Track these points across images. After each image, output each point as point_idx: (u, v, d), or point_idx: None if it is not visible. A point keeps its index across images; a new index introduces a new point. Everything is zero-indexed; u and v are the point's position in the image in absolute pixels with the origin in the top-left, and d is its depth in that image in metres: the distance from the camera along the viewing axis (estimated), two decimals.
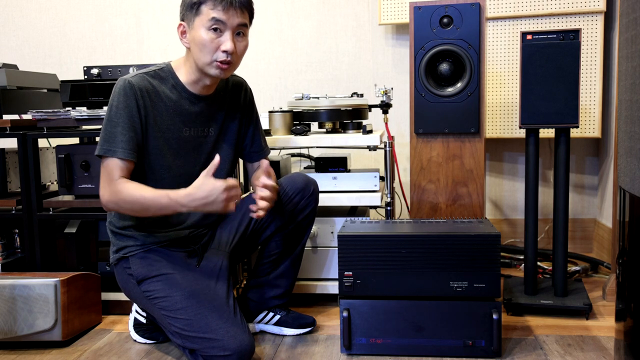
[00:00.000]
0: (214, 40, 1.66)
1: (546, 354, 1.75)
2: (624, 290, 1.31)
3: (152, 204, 1.64)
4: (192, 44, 1.69)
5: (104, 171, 1.68)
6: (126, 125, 1.67)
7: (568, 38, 1.99)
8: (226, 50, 1.66)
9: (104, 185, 1.68)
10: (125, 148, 1.66)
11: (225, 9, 1.64)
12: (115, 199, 1.67)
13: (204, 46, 1.66)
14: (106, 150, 1.67)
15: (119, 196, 1.65)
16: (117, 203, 1.67)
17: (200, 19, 1.65)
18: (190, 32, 1.68)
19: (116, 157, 1.66)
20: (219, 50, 1.67)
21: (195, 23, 1.66)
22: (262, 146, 1.96)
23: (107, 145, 1.67)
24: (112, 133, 1.67)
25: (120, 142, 1.66)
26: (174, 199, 1.61)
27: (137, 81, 1.69)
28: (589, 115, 2.62)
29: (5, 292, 1.88)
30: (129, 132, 1.67)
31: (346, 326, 1.75)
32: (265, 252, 1.97)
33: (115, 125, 1.67)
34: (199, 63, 1.70)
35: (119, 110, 1.67)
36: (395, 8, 2.77)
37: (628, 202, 1.27)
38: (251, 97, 1.95)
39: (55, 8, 3.16)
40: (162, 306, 1.70)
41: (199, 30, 1.65)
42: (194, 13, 1.66)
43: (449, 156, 2.24)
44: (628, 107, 1.25)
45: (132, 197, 1.64)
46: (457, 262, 1.71)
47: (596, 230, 2.80)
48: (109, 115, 1.69)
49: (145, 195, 1.64)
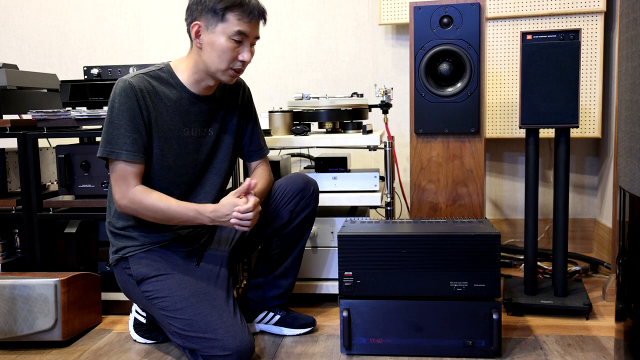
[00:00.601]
0: (234, 49, 1.68)
1: (546, 354, 1.75)
2: (624, 290, 1.31)
3: (178, 216, 1.68)
4: (209, 47, 1.68)
5: (116, 175, 1.68)
6: (129, 127, 1.66)
7: (568, 38, 1.99)
8: (244, 60, 1.70)
9: (120, 190, 1.68)
10: (130, 150, 1.66)
11: (251, 21, 1.67)
12: (136, 207, 1.68)
13: (223, 53, 1.67)
14: (109, 152, 1.66)
15: (141, 204, 1.67)
16: (137, 210, 1.69)
17: (225, 27, 1.65)
18: (209, 35, 1.67)
19: (121, 159, 1.66)
20: (237, 59, 1.69)
21: (218, 29, 1.66)
22: (260, 145, 1.96)
23: (110, 147, 1.66)
24: (114, 135, 1.66)
25: (123, 144, 1.66)
26: (202, 213, 1.66)
27: (137, 82, 1.69)
28: (589, 115, 2.62)
29: (5, 292, 1.88)
30: (133, 134, 1.67)
31: (346, 326, 1.75)
32: (265, 252, 1.97)
33: (117, 127, 1.66)
34: (212, 67, 1.70)
35: (120, 112, 1.66)
36: (395, 8, 2.77)
37: (628, 202, 1.27)
38: (249, 97, 1.95)
39: (55, 8, 3.16)
40: (162, 306, 1.70)
41: (221, 37, 1.66)
42: (218, 18, 1.65)
43: (449, 156, 2.24)
44: (628, 107, 1.25)
45: (157, 207, 1.67)
46: (457, 262, 1.71)
47: (596, 230, 2.80)
48: (110, 117, 1.68)
49: (171, 206, 1.67)
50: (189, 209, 1.67)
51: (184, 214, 1.67)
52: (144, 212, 1.69)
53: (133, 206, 1.68)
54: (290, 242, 1.96)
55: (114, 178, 1.69)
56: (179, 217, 1.68)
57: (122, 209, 1.71)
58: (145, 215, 1.70)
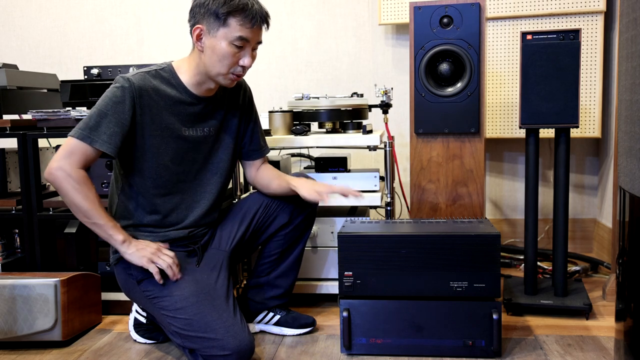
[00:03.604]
0: (235, 54, 1.67)
1: (546, 354, 1.75)
2: (624, 290, 1.31)
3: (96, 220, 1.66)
4: (210, 51, 1.68)
5: (71, 149, 1.63)
6: (114, 119, 1.65)
7: (568, 38, 1.99)
8: (245, 65, 1.69)
9: (62, 160, 1.62)
10: (106, 141, 1.64)
11: (253, 27, 1.66)
12: (68, 184, 1.62)
13: (224, 57, 1.66)
14: (84, 137, 1.63)
15: (75, 185, 1.62)
16: (63, 186, 1.63)
17: (226, 32, 1.65)
18: (210, 39, 1.67)
19: (93, 146, 1.63)
20: (237, 64, 1.69)
21: (219, 33, 1.65)
22: (260, 145, 1.96)
23: (88, 132, 1.64)
24: (97, 123, 1.64)
25: (103, 133, 1.64)
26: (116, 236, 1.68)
27: (136, 79, 1.69)
28: (589, 115, 2.62)
29: (5, 292, 1.88)
30: (115, 127, 1.65)
31: (346, 326, 1.75)
32: (265, 251, 1.98)
33: (103, 116, 1.65)
34: (212, 71, 1.70)
35: (111, 103, 1.65)
36: (395, 8, 2.77)
37: (628, 202, 1.27)
38: (250, 97, 1.95)
39: (55, 8, 3.16)
40: (162, 306, 1.70)
41: (222, 41, 1.65)
42: (220, 23, 1.64)
43: (449, 156, 2.24)
44: (628, 107, 1.25)
45: (88, 198, 1.63)
46: (457, 262, 1.71)
47: (596, 230, 2.80)
48: (99, 105, 1.67)
49: (98, 208, 1.65)
50: (110, 221, 1.67)
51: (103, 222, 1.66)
52: (71, 194, 1.62)
53: (66, 183, 1.62)
54: (291, 242, 1.96)
55: (67, 150, 1.63)
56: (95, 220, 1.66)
57: (53, 178, 1.63)
58: (67, 196, 1.64)
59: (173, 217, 1.80)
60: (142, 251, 1.69)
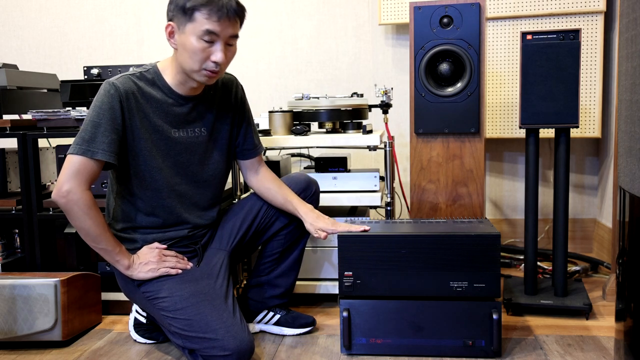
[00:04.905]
0: (205, 49, 1.62)
1: (546, 354, 1.75)
2: (624, 290, 1.31)
3: (104, 245, 1.69)
4: (181, 48, 1.65)
5: (73, 168, 1.62)
6: (109, 127, 1.64)
7: (568, 38, 1.99)
8: (216, 61, 1.64)
9: (70, 181, 1.61)
10: (106, 150, 1.64)
11: (220, 20, 1.60)
12: (79, 210, 1.63)
13: (194, 54, 1.62)
14: (85, 151, 1.62)
15: (85, 209, 1.63)
16: (75, 211, 1.63)
17: (193, 27, 1.61)
18: (180, 35, 1.64)
19: (95, 158, 1.63)
20: (209, 60, 1.64)
21: (187, 29, 1.61)
22: (254, 144, 1.94)
23: (87, 146, 1.63)
24: (93, 134, 1.63)
25: (101, 143, 1.63)
26: (122, 262, 1.73)
27: (121, 83, 1.67)
28: (589, 115, 2.62)
29: (5, 292, 1.88)
30: (111, 134, 1.65)
31: (346, 326, 1.75)
32: (266, 251, 1.97)
33: (97, 126, 1.64)
34: (186, 68, 1.67)
35: (102, 112, 1.64)
36: (395, 8, 2.77)
37: (628, 202, 1.27)
38: (242, 95, 1.92)
39: (55, 8, 3.16)
40: (162, 307, 1.69)
41: (190, 37, 1.62)
42: (187, 18, 1.61)
43: (449, 156, 2.24)
44: (628, 107, 1.25)
45: (98, 223, 1.66)
46: (457, 262, 1.71)
47: (596, 230, 2.80)
48: (90, 116, 1.65)
49: (106, 233, 1.69)
50: (116, 246, 1.71)
51: (110, 247, 1.70)
52: (81, 218, 1.64)
53: (76, 207, 1.62)
54: (291, 241, 1.96)
55: (72, 169, 1.62)
56: (104, 246, 1.69)
57: (62, 199, 1.63)
58: (76, 220, 1.65)
59: (171, 219, 1.80)
60: (146, 266, 1.72)
